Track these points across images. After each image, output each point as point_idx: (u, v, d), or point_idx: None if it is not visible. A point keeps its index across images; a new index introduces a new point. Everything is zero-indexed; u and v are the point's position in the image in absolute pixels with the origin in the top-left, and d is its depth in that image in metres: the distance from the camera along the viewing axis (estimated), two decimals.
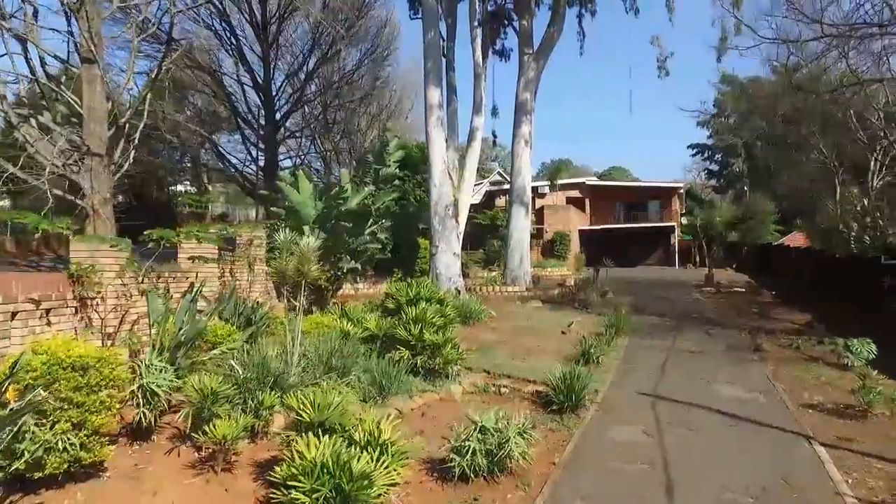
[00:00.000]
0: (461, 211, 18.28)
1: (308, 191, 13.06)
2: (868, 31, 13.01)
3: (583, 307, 16.14)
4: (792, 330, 13.10)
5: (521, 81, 20.46)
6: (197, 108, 33.15)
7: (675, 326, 13.72)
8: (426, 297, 11.02)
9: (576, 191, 38.12)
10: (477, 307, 13.74)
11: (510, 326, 13.11)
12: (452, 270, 17.52)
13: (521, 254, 19.78)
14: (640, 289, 21.81)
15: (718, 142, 50.14)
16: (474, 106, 19.28)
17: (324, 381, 6.88)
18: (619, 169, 67.96)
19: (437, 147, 17.71)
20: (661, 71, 18.87)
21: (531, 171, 22.85)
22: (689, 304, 17.94)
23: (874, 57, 14.48)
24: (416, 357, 8.36)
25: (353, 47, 30.79)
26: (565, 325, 13.09)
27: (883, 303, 12.49)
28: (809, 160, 22.12)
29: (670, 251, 36.36)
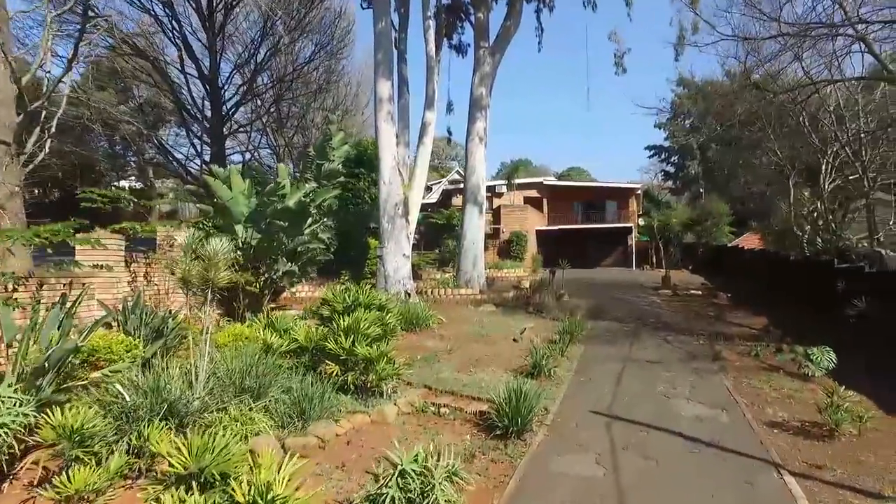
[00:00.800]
0: (412, 210, 17.42)
1: (241, 186, 12.00)
2: (823, 31, 12.69)
3: (537, 311, 15.48)
4: (749, 335, 12.66)
5: (476, 76, 19.71)
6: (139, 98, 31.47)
7: (632, 332, 13.14)
8: (365, 304, 10.12)
9: (534, 190, 37.63)
10: (424, 312, 12.89)
11: (459, 333, 12.31)
12: (402, 272, 16.65)
13: (475, 255, 19.03)
14: (597, 291, 21.33)
15: (674, 144, 50.53)
16: (427, 100, 18.43)
17: (233, 406, 5.95)
18: (577, 169, 68.06)
19: (386, 142, 16.83)
20: (619, 67, 18.37)
21: (488, 170, 22.15)
22: (646, 307, 17.47)
23: (826, 61, 14.23)
24: (346, 373, 7.47)
25: (305, 39, 29.63)
26: (518, 332, 12.37)
27: (837, 308, 12.13)
28: (763, 163, 21.98)
29: (628, 252, 36.22)
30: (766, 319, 14.62)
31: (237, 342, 7.76)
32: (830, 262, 14.60)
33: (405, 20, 19.14)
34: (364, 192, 24.87)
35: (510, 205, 32.76)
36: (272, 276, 12.17)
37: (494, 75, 20.22)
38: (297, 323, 9.99)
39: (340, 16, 30.85)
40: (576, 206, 39.34)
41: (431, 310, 14.18)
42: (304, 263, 13.64)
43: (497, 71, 20.32)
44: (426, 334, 12.17)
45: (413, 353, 10.32)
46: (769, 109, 17.74)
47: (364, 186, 25.10)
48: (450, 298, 17.54)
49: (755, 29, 13.59)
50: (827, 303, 13.67)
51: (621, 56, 18.51)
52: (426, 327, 12.63)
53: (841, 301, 12.25)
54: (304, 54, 29.97)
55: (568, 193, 39.52)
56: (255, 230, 11.92)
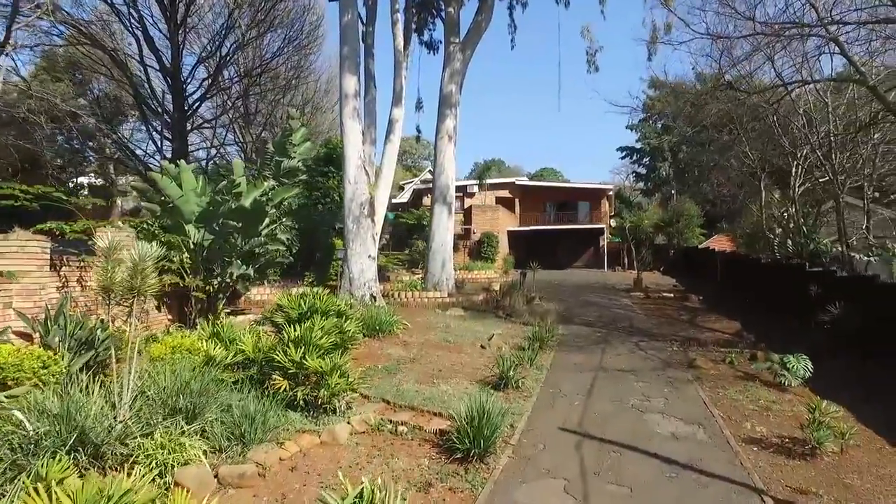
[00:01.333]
0: (378, 210, 16.78)
1: (192, 184, 11.25)
2: (795, 32, 12.43)
3: (507, 315, 15.00)
4: (723, 341, 12.34)
5: (446, 72, 19.14)
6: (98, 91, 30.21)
7: (603, 338, 12.72)
8: (323, 310, 9.50)
9: (505, 191, 37.25)
10: (388, 318, 12.26)
11: (424, 340, 11.74)
12: (367, 275, 16.01)
13: (444, 257, 18.45)
14: (568, 293, 20.96)
15: (646, 145, 50.61)
16: (394, 96, 17.80)
17: (161, 430, 5.27)
18: (550, 170, 67.96)
19: (352, 140, 16.17)
20: (591, 65, 17.97)
21: (460, 170, 21.69)
22: (618, 310, 17.11)
23: (797, 63, 14.04)
24: (296, 388, 6.82)
25: (273, 32, 28.71)
26: (486, 338, 11.87)
27: (811, 313, 11.88)
28: (734, 165, 21.83)
29: (600, 253, 36.07)
30: (739, 324, 14.36)
31: (175, 355, 7.04)
32: (802, 266, 14.41)
33: (373, 13, 18.50)
34: (333, 192, 24.18)
35: (481, 205, 32.29)
36: (226, 279, 11.45)
37: (465, 72, 19.68)
38: (250, 330, 9.29)
39: (309, 9, 30.03)
40: (548, 206, 39.10)
41: (397, 314, 13.57)
42: (262, 266, 12.93)
43: (468, 67, 19.79)
44: (390, 341, 11.56)
45: (374, 363, 9.72)
46: (741, 111, 17.57)
47: (333, 185, 24.42)
48: (417, 302, 16.94)
49: (729, 28, 13.30)
50: (800, 307, 13.43)
51: (594, 54, 18.14)
52: (390, 333, 12.01)
53: (814, 306, 12.00)
54: (271, 48, 29.09)
55: (540, 194, 39.25)
56: (207, 231, 11.18)
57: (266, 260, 13.07)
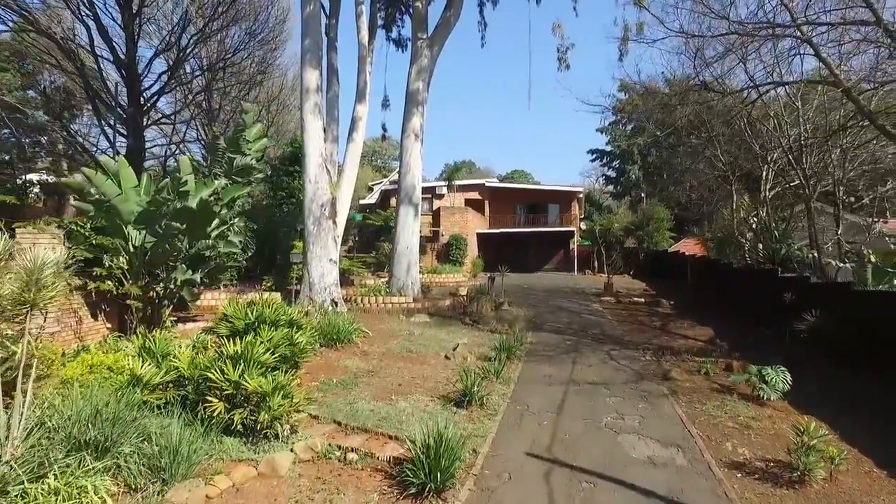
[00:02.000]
0: (340, 210, 16.02)
1: (132, 182, 10.36)
2: (769, 32, 12.08)
3: (474, 322, 14.37)
4: (697, 349, 11.89)
5: (412, 69, 18.45)
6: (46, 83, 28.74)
7: (574, 346, 12.16)
8: (272, 320, 8.75)
9: (475, 192, 36.69)
10: (347, 326, 11.51)
11: (385, 349, 11.04)
12: (328, 279, 15.26)
13: (410, 260, 17.75)
14: (538, 298, 20.45)
15: (616, 148, 50.65)
16: (358, 92, 17.07)
17: (57, 471, 4.46)
18: (521, 172, 67.86)
19: (313, 137, 15.43)
20: (562, 63, 17.45)
21: (430, 172, 20.99)
22: (588, 316, 16.62)
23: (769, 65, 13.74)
24: (233, 411, 6.06)
25: (235, 26, 27.61)
26: (451, 347, 11.19)
27: (785, 320, 11.51)
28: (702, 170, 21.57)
29: (570, 256, 35.76)
30: (712, 331, 13.98)
31: (93, 375, 6.22)
32: (774, 272, 14.09)
33: (336, 5, 17.73)
34: (299, 192, 23.20)
35: (450, 207, 31.65)
36: (169, 285, 10.57)
37: (433, 69, 19.03)
38: (198, 341, 8.51)
39: (273, 2, 29.00)
40: (518, 208, 38.68)
41: (358, 321, 12.87)
42: (213, 270, 12.09)
43: (436, 64, 19.15)
44: (348, 351, 10.82)
45: (329, 376, 9.00)
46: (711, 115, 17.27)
47: (299, 185, 23.42)
48: (381, 307, 16.20)
49: (703, 28, 12.89)
50: (774, 314, 13.10)
51: (565, 51, 17.64)
52: (349, 343, 11.27)
53: (788, 313, 11.63)
54: (234, 42, 27.98)
55: (510, 196, 38.80)
56: (149, 233, 10.29)
57: (217, 264, 12.23)
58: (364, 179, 60.36)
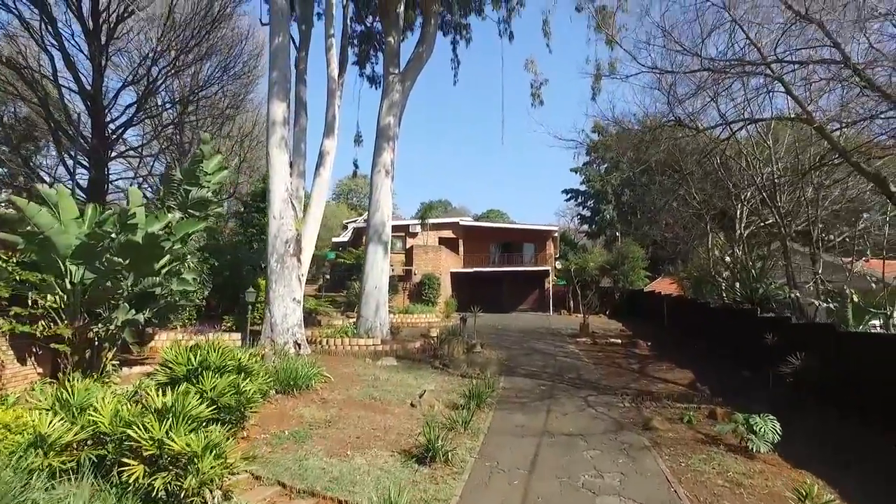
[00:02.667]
0: (305, 248, 15.30)
1: (72, 213, 9.55)
2: (740, 69, 11.93)
3: (444, 366, 13.61)
4: (677, 394, 11.27)
5: (384, 103, 18.07)
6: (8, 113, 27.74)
7: (549, 392, 11.45)
8: (217, 366, 7.93)
9: (449, 231, 36.16)
10: (307, 370, 10.66)
11: (347, 396, 10.23)
12: (291, 320, 14.45)
13: (378, 300, 17.00)
14: (512, 340, 19.76)
15: (590, 188, 50.96)
16: (326, 126, 16.56)
17: None
18: (496, 212, 67.84)
19: (279, 171, 14.82)
20: (535, 99, 17.24)
21: (404, 210, 20.47)
22: (564, 359, 15.96)
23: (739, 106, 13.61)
24: (155, 475, 5.22)
25: (208, 60, 27.12)
26: (417, 394, 10.42)
27: (768, 363, 11.02)
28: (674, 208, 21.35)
29: (545, 296, 35.22)
30: (692, 374, 13.42)
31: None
32: (753, 312, 13.66)
33: (306, 38, 17.36)
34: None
35: (423, 245, 31.01)
36: (109, 325, 9.69)
37: (404, 104, 18.69)
38: (139, 387, 7.63)
39: (247, 37, 28.67)
40: (492, 247, 38.24)
41: (321, 365, 12.05)
42: (163, 310, 11.20)
43: (408, 100, 18.83)
44: (306, 398, 9.97)
45: (281, 427, 8.16)
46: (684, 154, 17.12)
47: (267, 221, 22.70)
48: (347, 350, 15.37)
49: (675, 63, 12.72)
50: (755, 356, 12.62)
51: (538, 86, 17.44)
52: (308, 389, 10.41)
53: (771, 355, 11.15)
54: (207, 76, 27.44)
55: (484, 234, 38.38)
56: (88, 268, 9.46)
57: (168, 303, 11.34)
58: (339, 217, 59.80)
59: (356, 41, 24.10)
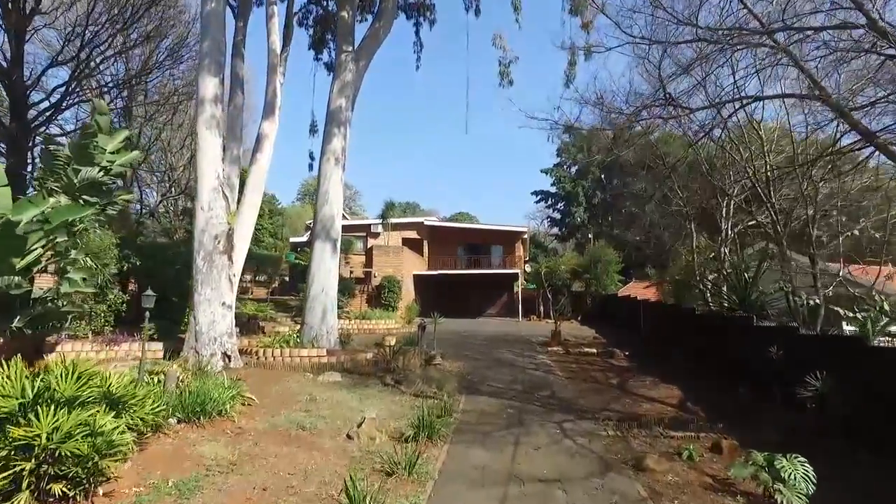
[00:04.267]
0: (238, 245, 13.24)
1: None
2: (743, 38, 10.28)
3: (396, 382, 11.66)
4: (668, 418, 9.51)
5: (335, 85, 16.07)
6: None
7: (518, 417, 9.58)
8: (69, 397, 5.86)
9: (413, 231, 34.22)
10: (222, 392, 8.62)
11: (269, 425, 8.23)
12: (220, 328, 12.42)
13: (326, 305, 14.97)
14: (477, 349, 17.92)
15: (561, 189, 49.66)
16: (266, 106, 14.53)
17: None
18: (465, 215, 66.35)
19: (208, 155, 12.78)
20: (504, 78, 15.39)
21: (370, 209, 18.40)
22: (535, 372, 14.16)
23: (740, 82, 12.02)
24: None
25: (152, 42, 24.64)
26: (358, 420, 8.43)
27: (776, 382, 9.39)
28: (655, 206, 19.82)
29: (514, 300, 33.56)
30: (680, 392, 11.73)
31: None
32: (748, 320, 12.02)
33: (247, 7, 15.32)
34: None
35: (384, 245, 29.00)
36: None
37: (359, 86, 16.70)
38: None
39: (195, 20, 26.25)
40: (459, 249, 36.44)
41: (248, 382, 10.08)
42: (37, 318, 9.00)
43: (362, 82, 16.85)
44: (216, 428, 7.94)
45: (167, 472, 6.13)
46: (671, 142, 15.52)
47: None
48: (286, 362, 13.31)
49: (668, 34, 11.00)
50: (754, 373, 10.98)
51: (507, 64, 15.61)
52: (222, 415, 8.36)
53: (777, 373, 9.52)
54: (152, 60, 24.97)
55: (451, 235, 36.55)
56: None
57: (48, 309, 9.17)
58: (305, 218, 57.01)
59: (311, 23, 22.11)
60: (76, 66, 21.54)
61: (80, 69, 21.74)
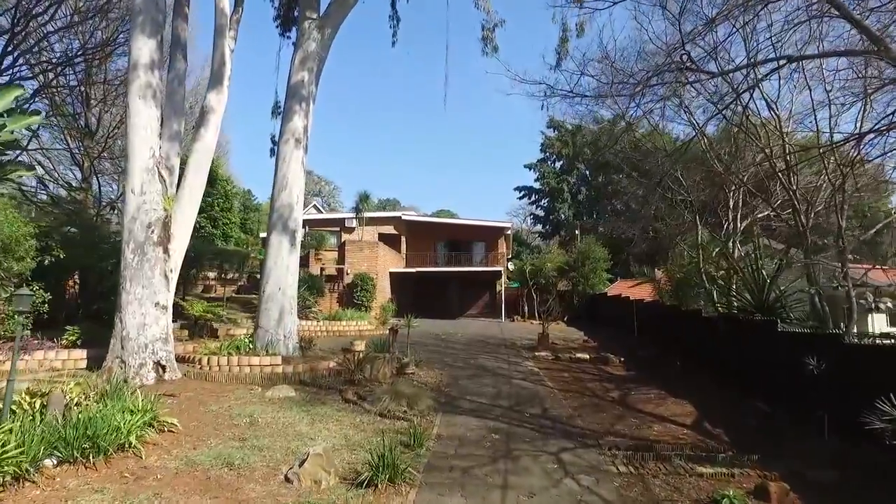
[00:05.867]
0: (178, 234, 11.31)
1: None
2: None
3: (359, 398, 9.79)
4: (689, 445, 7.79)
5: (296, 55, 14.15)
6: None
7: (504, 445, 7.76)
8: None
9: (390, 226, 32.29)
10: (130, 418, 6.71)
11: (184, 463, 6.34)
12: (152, 332, 10.51)
13: (283, 306, 13.05)
14: (457, 354, 16.11)
15: (545, 185, 48.12)
16: (212, 76, 12.61)
17: None
18: (446, 212, 64.63)
19: (141, 130, 10.87)
20: (488, 44, 13.52)
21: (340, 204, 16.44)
22: (522, 383, 12.38)
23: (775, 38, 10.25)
24: None
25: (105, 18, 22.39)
26: (302, 454, 6.55)
27: (818, 402, 7.72)
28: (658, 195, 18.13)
29: (496, 300, 31.82)
30: (692, 407, 10.05)
31: None
32: (770, 325, 10.32)
33: None
34: None
35: (357, 241, 27.04)
36: None
37: (324, 58, 14.78)
38: None
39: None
40: (439, 246, 34.60)
41: (179, 400, 8.25)
42: None
43: (328, 53, 14.90)
44: (112, 469, 6.05)
45: None
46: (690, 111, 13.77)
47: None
48: (232, 373, 11.38)
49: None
50: (784, 389, 9.32)
51: (492, 28, 13.75)
52: (124, 449, 6.46)
53: (821, 390, 7.85)
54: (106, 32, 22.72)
55: (430, 231, 34.67)
56: None
57: None
58: None
59: None
60: (10, 40, 19.36)
61: (15, 43, 19.57)
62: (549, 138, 49.03)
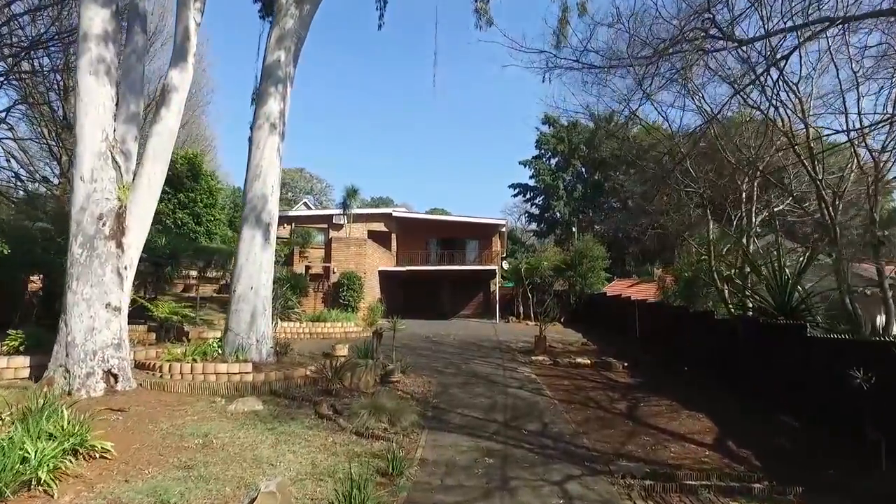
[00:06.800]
0: (133, 226, 10.11)
1: None
2: None
3: (335, 412, 8.61)
4: (714, 473, 6.63)
5: (273, 33, 12.97)
6: None
7: (500, 472, 6.58)
8: None
9: (380, 223, 31.08)
10: (47, 446, 5.52)
11: (106, 503, 5.13)
12: (102, 338, 9.34)
13: (256, 307, 11.84)
14: (448, 359, 14.95)
15: (539, 182, 47.00)
16: (175, 51, 11.37)
17: None
18: (439, 210, 63.37)
19: (92, 110, 9.69)
20: (481, 16, 12.38)
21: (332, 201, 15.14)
22: (519, 392, 11.23)
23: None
24: None
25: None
26: (257, 489, 5.35)
27: (870, 424, 6.62)
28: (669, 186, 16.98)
29: (490, 300, 30.68)
30: (710, 421, 8.94)
31: None
32: (800, 328, 9.19)
33: None
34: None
35: (345, 238, 25.81)
36: None
37: (303, 37, 13.59)
38: None
39: None
40: (431, 244, 33.40)
41: (126, 415, 7.08)
42: None
43: (307, 32, 13.71)
44: None
45: None
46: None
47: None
48: (196, 382, 10.18)
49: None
50: (819, 402, 8.21)
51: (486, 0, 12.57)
52: (29, 488, 5.25)
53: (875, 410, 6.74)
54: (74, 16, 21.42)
55: (422, 228, 33.47)
56: None
57: None
58: None
59: None
60: None
61: None
62: (545, 134, 47.94)
